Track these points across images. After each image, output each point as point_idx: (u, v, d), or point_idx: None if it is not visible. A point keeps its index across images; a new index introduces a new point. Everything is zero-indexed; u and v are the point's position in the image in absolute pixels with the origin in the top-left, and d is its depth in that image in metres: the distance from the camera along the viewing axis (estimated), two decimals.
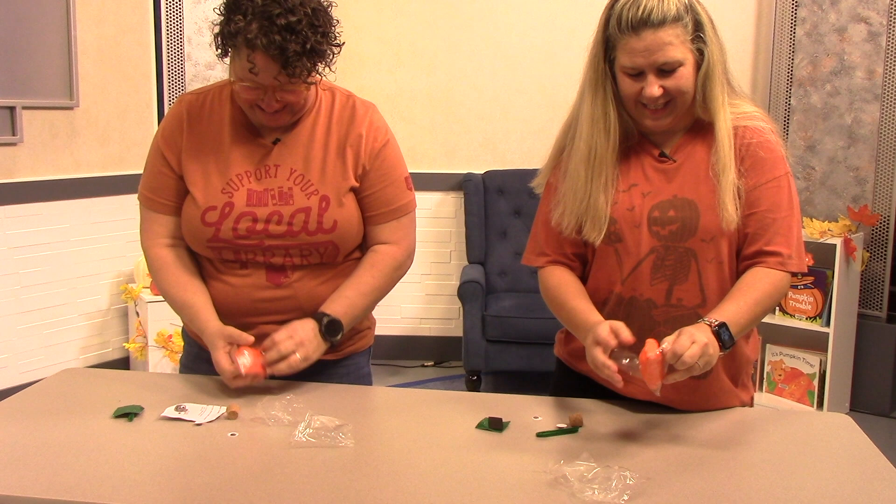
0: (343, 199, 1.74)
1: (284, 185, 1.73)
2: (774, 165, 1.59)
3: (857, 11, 3.99)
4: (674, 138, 1.65)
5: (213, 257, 1.77)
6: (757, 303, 1.54)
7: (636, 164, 1.65)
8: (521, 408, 1.63)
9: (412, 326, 4.76)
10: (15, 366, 3.78)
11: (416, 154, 4.60)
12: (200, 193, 1.73)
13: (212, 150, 1.75)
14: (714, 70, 1.56)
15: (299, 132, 1.76)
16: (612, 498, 1.24)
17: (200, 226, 1.72)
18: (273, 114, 1.68)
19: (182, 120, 1.77)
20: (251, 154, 1.75)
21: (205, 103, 1.78)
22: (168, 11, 4.20)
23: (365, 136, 1.77)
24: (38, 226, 3.81)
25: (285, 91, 1.65)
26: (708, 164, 1.59)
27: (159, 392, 1.70)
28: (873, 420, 3.89)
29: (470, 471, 1.38)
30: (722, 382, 1.67)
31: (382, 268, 1.80)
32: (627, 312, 1.64)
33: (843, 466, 1.43)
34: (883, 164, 4.00)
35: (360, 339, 1.89)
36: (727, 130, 1.58)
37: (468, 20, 4.55)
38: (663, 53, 1.51)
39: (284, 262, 1.75)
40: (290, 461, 1.38)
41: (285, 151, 1.75)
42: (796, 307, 3.93)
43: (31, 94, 3.72)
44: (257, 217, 1.71)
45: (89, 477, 1.32)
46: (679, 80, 1.54)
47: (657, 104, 1.56)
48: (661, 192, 1.62)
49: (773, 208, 1.58)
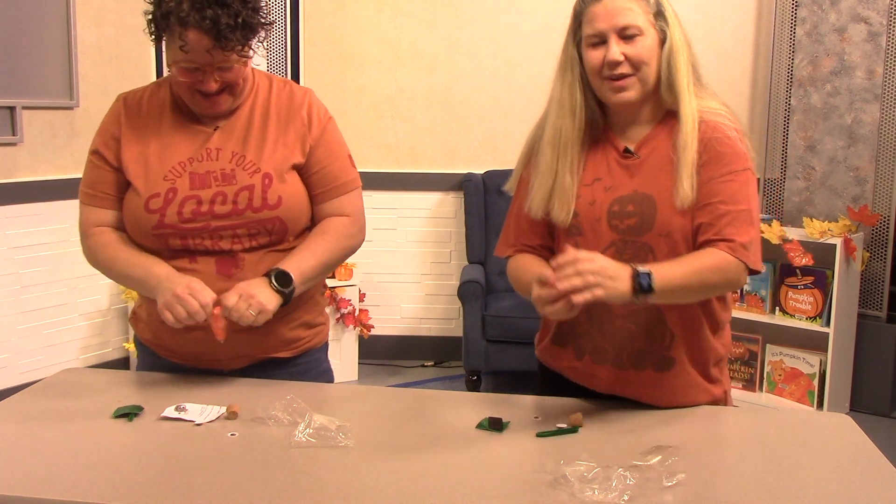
0: (285, 175, 1.75)
1: (227, 167, 1.73)
2: (733, 160, 1.59)
3: (857, 11, 3.99)
4: (640, 131, 1.67)
5: (159, 248, 1.74)
6: (695, 271, 1.53)
7: (601, 159, 1.67)
8: (521, 408, 1.63)
9: (412, 326, 4.76)
10: (15, 366, 3.78)
11: (416, 154, 4.59)
12: (142, 183, 1.73)
13: (151, 140, 1.75)
14: (678, 53, 1.61)
15: (238, 116, 1.77)
16: (612, 498, 1.24)
17: (144, 214, 1.72)
18: (212, 97, 1.70)
19: (119, 115, 1.79)
20: (192, 141, 1.76)
21: (142, 97, 1.81)
22: None
23: (307, 115, 1.79)
24: (38, 226, 3.81)
25: (222, 69, 1.66)
26: (670, 160, 1.61)
27: (159, 392, 1.70)
28: (873, 420, 3.89)
29: (470, 471, 1.38)
30: (689, 376, 1.67)
31: (333, 234, 1.80)
32: (587, 306, 1.64)
33: (843, 466, 1.43)
34: (883, 164, 4.00)
35: (316, 335, 1.89)
36: (692, 114, 1.60)
37: (468, 20, 4.55)
38: (623, 16, 1.58)
39: (233, 246, 1.73)
40: (290, 461, 1.38)
41: (225, 135, 1.76)
42: (796, 307, 3.93)
43: (31, 94, 3.72)
44: (202, 199, 1.71)
45: (89, 477, 1.32)
46: (640, 48, 1.59)
47: (619, 72, 1.59)
48: (622, 187, 1.64)
49: (727, 200, 1.57)
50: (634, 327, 1.63)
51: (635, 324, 1.63)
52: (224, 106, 1.73)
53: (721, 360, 1.72)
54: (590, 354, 1.68)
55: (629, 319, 1.63)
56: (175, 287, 1.63)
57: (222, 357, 1.77)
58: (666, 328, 1.63)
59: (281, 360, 1.81)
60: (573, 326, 1.68)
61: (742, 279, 1.58)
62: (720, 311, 1.69)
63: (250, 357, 1.79)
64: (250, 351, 1.78)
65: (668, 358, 1.64)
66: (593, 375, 1.68)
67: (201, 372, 1.78)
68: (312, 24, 4.56)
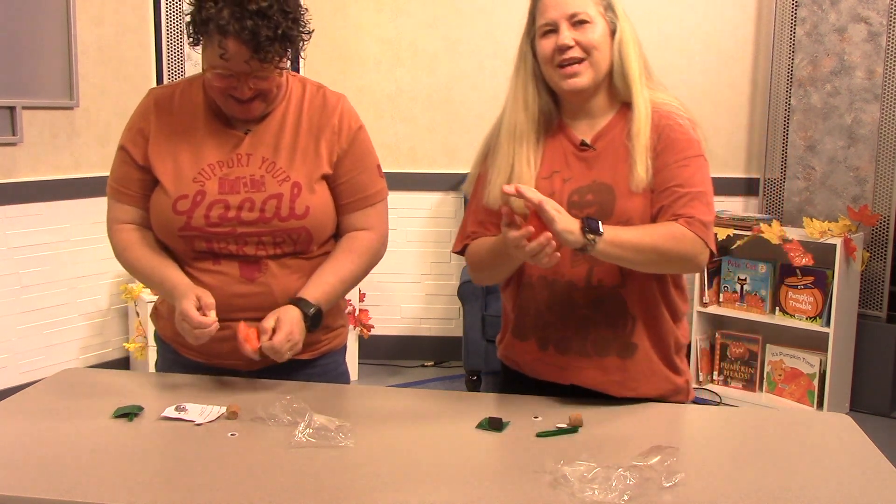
0: (315, 185, 1.75)
1: (256, 173, 1.73)
2: (687, 146, 1.64)
3: (857, 11, 3.99)
4: (595, 123, 1.70)
5: (184, 249, 1.75)
6: (648, 233, 1.57)
7: (558, 153, 1.70)
8: (521, 408, 1.63)
9: (412, 326, 4.76)
10: (15, 366, 3.78)
11: (416, 154, 4.60)
12: (171, 183, 1.73)
13: (182, 141, 1.75)
14: (628, 44, 1.65)
15: (270, 122, 1.77)
16: (612, 498, 1.24)
17: (171, 215, 1.72)
18: (246, 103, 1.69)
19: (149, 111, 1.79)
20: (222, 144, 1.75)
21: (174, 95, 1.80)
22: (168, 11, 4.19)
23: (339, 123, 1.79)
24: (38, 226, 3.81)
25: (257, 78, 1.66)
26: (627, 150, 1.64)
27: (159, 392, 1.70)
28: (873, 420, 3.89)
29: (470, 471, 1.38)
30: (652, 362, 1.69)
31: (361, 252, 1.80)
32: (550, 295, 1.69)
33: (843, 466, 1.43)
34: (883, 164, 4.00)
35: (335, 337, 1.89)
36: (645, 101, 1.64)
37: (468, 20, 4.55)
38: (573, 4, 1.63)
39: (257, 253, 1.73)
40: (290, 461, 1.38)
41: (256, 140, 1.75)
42: (796, 307, 3.93)
43: (31, 94, 3.72)
44: (229, 204, 1.71)
45: (89, 477, 1.32)
46: (590, 34, 1.63)
47: (570, 56, 1.62)
48: (581, 178, 1.67)
49: (684, 184, 1.61)
50: (597, 315, 1.66)
51: (598, 312, 1.66)
52: (256, 112, 1.73)
53: (681, 349, 1.75)
54: (553, 345, 1.69)
55: (592, 308, 1.66)
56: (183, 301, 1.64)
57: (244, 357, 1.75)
58: (628, 314, 1.67)
59: (300, 362, 1.81)
60: (535, 318, 1.71)
61: (701, 258, 1.60)
62: (679, 301, 1.73)
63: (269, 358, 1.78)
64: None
65: (631, 344, 1.67)
66: (558, 366, 1.70)
67: (220, 371, 1.78)
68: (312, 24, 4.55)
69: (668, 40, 4.44)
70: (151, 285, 1.80)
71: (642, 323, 1.67)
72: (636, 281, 1.65)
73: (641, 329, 1.67)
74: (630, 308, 1.66)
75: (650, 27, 4.43)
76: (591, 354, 1.67)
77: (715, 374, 4.23)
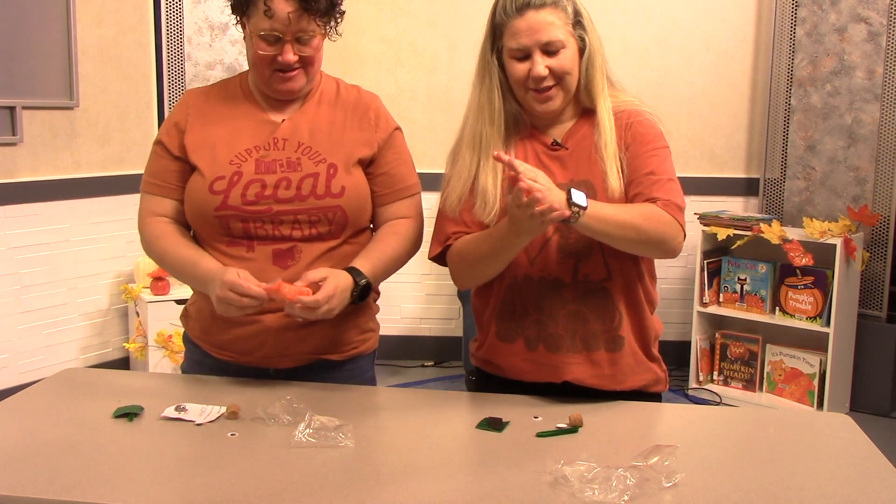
0: (351, 168, 1.77)
1: (293, 156, 1.75)
2: (653, 138, 1.68)
3: (857, 11, 3.99)
4: (563, 127, 1.73)
5: (219, 233, 1.75)
6: (627, 210, 1.60)
7: (531, 155, 1.71)
8: (521, 408, 1.63)
9: (412, 326, 4.76)
10: (15, 366, 3.78)
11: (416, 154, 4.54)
12: (207, 165, 1.75)
13: (219, 128, 1.78)
14: (595, 58, 1.67)
15: (305, 110, 1.80)
16: (612, 498, 1.24)
17: (208, 195, 1.73)
18: (289, 73, 1.72)
19: (186, 105, 1.82)
20: (259, 130, 1.78)
21: (210, 92, 1.85)
22: (168, 11, 4.20)
23: (374, 116, 1.83)
24: (38, 226, 3.81)
25: (301, 43, 1.70)
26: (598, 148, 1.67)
27: (159, 392, 1.70)
28: (873, 420, 3.89)
29: (470, 471, 1.38)
30: (636, 354, 1.72)
31: (404, 235, 1.82)
32: (538, 293, 1.69)
33: (843, 466, 1.43)
34: (883, 164, 4.00)
35: (365, 341, 1.87)
36: (607, 111, 1.67)
37: (468, 20, 4.54)
38: (546, 32, 1.62)
39: (293, 233, 1.73)
40: (290, 461, 1.38)
41: (292, 127, 1.78)
42: (796, 307, 3.93)
43: (31, 94, 3.72)
44: (266, 183, 1.72)
45: (89, 477, 1.32)
46: (563, 60, 1.64)
47: (545, 85, 1.64)
48: (557, 176, 1.68)
49: (655, 171, 1.65)
50: (585, 310, 1.68)
51: (586, 306, 1.68)
52: (298, 83, 1.75)
53: (656, 340, 1.78)
54: (543, 343, 1.69)
55: (580, 303, 1.67)
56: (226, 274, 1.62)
57: (272, 354, 1.76)
58: (615, 308, 1.69)
59: (329, 364, 1.81)
60: (520, 319, 1.71)
61: (677, 242, 1.63)
62: (653, 292, 1.77)
63: (300, 356, 1.78)
64: (300, 349, 1.77)
65: (618, 337, 1.69)
66: (548, 364, 1.69)
67: (248, 372, 1.78)
68: None
69: (668, 40, 4.44)
70: (182, 274, 1.78)
71: (627, 316, 1.70)
72: (620, 274, 1.68)
73: (627, 322, 1.70)
74: (616, 301, 1.69)
75: (650, 27, 4.43)
76: (581, 349, 1.68)
77: (715, 374, 4.23)
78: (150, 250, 1.82)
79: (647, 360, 1.74)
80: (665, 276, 2.11)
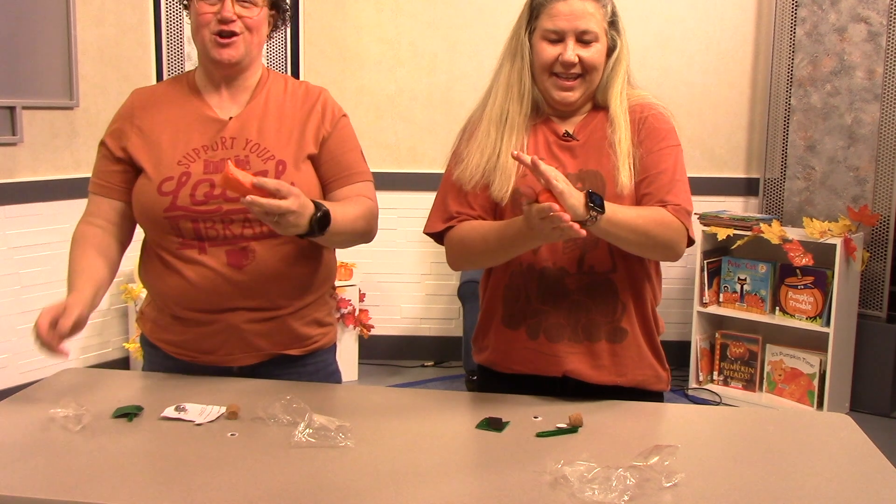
0: (300, 164, 1.76)
1: (241, 154, 1.75)
2: (667, 135, 1.69)
3: (857, 11, 3.99)
4: (575, 119, 1.73)
5: (170, 234, 1.74)
6: (641, 216, 1.60)
7: (542, 143, 1.72)
8: (521, 408, 1.63)
9: (412, 326, 4.76)
10: (15, 366, 3.77)
11: (416, 154, 4.60)
12: (153, 168, 1.74)
13: (165, 129, 1.77)
14: (621, 63, 1.69)
15: (253, 108, 1.80)
16: (612, 498, 1.24)
17: (157, 196, 1.72)
18: (229, 39, 1.72)
19: (131, 106, 1.82)
20: (206, 130, 1.77)
21: (156, 91, 1.85)
22: (168, 11, 4.20)
23: (322, 109, 1.82)
24: (38, 226, 3.81)
25: (242, 4, 1.71)
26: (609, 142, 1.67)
27: (159, 392, 1.70)
28: (873, 420, 3.89)
29: (470, 471, 1.38)
30: (640, 348, 1.72)
31: (362, 202, 1.78)
32: (540, 282, 1.70)
33: (843, 466, 1.43)
34: (883, 164, 4.00)
35: (325, 335, 1.88)
36: (622, 108, 1.68)
37: (468, 20, 4.55)
38: (585, 21, 1.63)
39: (244, 232, 1.72)
40: (290, 461, 1.38)
41: (239, 125, 1.77)
42: (796, 307, 3.93)
43: (31, 94, 3.72)
44: (215, 183, 1.71)
45: (89, 477, 1.32)
46: (594, 53, 1.65)
47: (571, 73, 1.65)
48: (567, 166, 1.69)
49: (667, 170, 1.66)
50: (588, 300, 1.68)
51: (589, 297, 1.68)
52: (237, 51, 1.74)
53: (659, 334, 1.78)
54: (544, 333, 1.70)
55: (583, 293, 1.68)
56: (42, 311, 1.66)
57: (232, 351, 1.77)
58: (618, 299, 1.69)
59: (290, 359, 1.81)
60: (524, 307, 1.71)
61: (681, 245, 1.64)
62: (658, 289, 1.77)
63: (260, 353, 1.79)
64: (261, 345, 1.78)
65: (620, 329, 1.70)
66: (547, 354, 1.70)
67: (210, 371, 1.78)
68: (312, 24, 4.56)
69: (669, 41, 4.44)
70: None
71: (631, 308, 1.70)
72: (626, 266, 1.68)
73: (631, 314, 1.70)
74: (620, 293, 1.69)
75: (650, 27, 4.43)
76: (583, 339, 1.69)
77: (715, 374, 4.23)
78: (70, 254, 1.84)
79: (650, 356, 1.74)
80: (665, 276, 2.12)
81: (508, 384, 1.75)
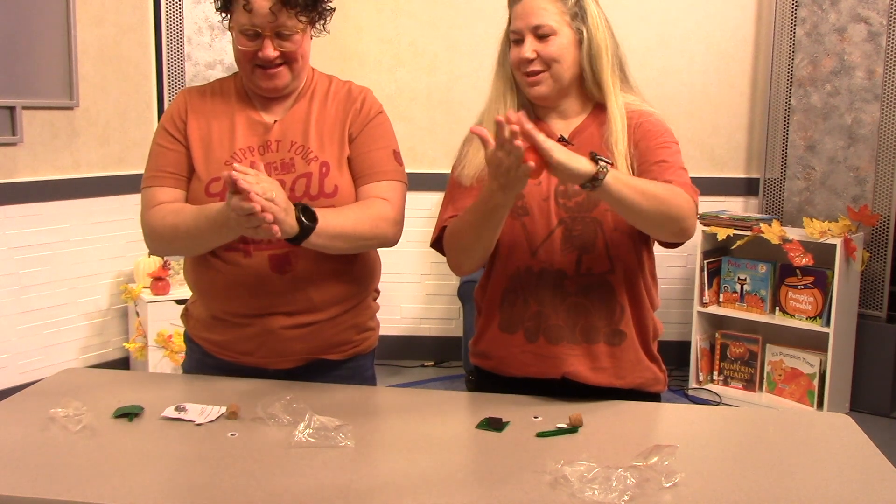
0: (344, 165, 1.77)
1: (286, 157, 1.75)
2: (663, 133, 1.69)
3: (857, 11, 3.99)
4: (571, 123, 1.74)
5: None
6: (650, 182, 1.56)
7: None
8: (521, 408, 1.63)
9: (412, 326, 4.76)
10: (15, 366, 3.78)
11: (416, 154, 4.59)
12: (202, 166, 1.75)
13: (214, 124, 1.78)
14: (600, 52, 1.68)
15: (297, 110, 1.80)
16: (612, 498, 1.24)
17: (204, 197, 1.73)
18: (272, 70, 1.71)
19: (184, 100, 1.82)
20: (253, 132, 1.77)
21: (206, 91, 1.84)
22: (168, 11, 4.20)
23: (360, 106, 1.82)
24: (38, 226, 3.81)
25: (282, 38, 1.69)
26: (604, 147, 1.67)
27: (159, 392, 1.70)
28: (873, 420, 3.89)
29: (470, 471, 1.38)
30: (637, 351, 1.72)
31: (370, 205, 1.75)
32: (538, 284, 1.70)
33: (843, 466, 1.43)
34: (883, 164, 4.00)
35: (365, 339, 1.88)
36: (619, 108, 1.68)
37: (468, 20, 4.55)
38: (537, 16, 1.66)
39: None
40: (290, 461, 1.38)
41: (284, 128, 1.78)
42: (796, 307, 3.93)
43: (31, 94, 3.72)
44: None
45: (89, 477, 1.32)
46: (552, 47, 1.67)
47: (532, 69, 1.68)
48: None
49: (668, 159, 1.65)
50: (587, 302, 1.68)
51: (588, 299, 1.68)
52: (282, 80, 1.74)
53: (656, 339, 1.78)
54: (544, 335, 1.70)
55: (582, 295, 1.68)
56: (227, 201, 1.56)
57: (271, 354, 1.76)
58: (616, 302, 1.69)
59: (329, 364, 1.81)
60: (522, 311, 1.71)
61: (692, 223, 1.58)
62: (654, 291, 1.77)
63: (299, 357, 1.79)
64: (298, 350, 1.77)
65: (619, 331, 1.70)
66: (547, 357, 1.69)
67: (248, 371, 1.78)
68: None
69: (669, 41, 4.44)
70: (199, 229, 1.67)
71: (629, 311, 1.70)
72: (623, 267, 1.68)
73: (629, 316, 1.71)
74: (618, 295, 1.69)
75: (650, 27, 4.43)
76: (581, 342, 1.69)
77: (715, 374, 4.23)
78: (161, 236, 1.74)
79: (647, 359, 1.74)
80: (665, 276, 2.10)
81: (505, 387, 1.75)
